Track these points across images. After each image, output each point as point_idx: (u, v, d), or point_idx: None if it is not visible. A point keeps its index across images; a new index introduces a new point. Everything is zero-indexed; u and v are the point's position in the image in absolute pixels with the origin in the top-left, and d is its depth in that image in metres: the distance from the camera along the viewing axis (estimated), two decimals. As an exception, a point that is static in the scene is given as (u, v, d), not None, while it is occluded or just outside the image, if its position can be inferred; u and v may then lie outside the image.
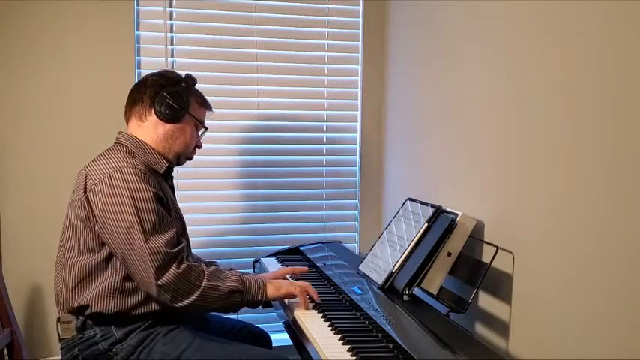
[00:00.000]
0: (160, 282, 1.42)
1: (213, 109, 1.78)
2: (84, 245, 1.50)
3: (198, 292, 1.46)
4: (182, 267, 1.45)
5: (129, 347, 1.48)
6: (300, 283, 1.66)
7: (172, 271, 1.43)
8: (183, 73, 1.70)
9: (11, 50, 2.21)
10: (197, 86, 1.73)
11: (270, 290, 1.58)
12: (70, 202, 1.56)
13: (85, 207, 1.48)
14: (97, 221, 1.47)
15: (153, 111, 1.60)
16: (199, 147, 1.75)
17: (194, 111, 1.67)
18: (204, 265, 1.52)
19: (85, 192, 1.49)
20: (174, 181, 2.35)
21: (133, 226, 1.43)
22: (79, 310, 1.51)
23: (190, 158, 1.73)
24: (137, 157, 1.56)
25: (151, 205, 1.46)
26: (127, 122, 1.66)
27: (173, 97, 1.61)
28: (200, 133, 1.72)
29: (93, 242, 1.49)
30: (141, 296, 1.50)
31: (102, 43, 2.27)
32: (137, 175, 1.48)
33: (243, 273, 1.67)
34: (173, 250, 1.45)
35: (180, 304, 1.46)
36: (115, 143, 1.62)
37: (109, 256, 1.49)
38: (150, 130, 1.62)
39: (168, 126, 1.62)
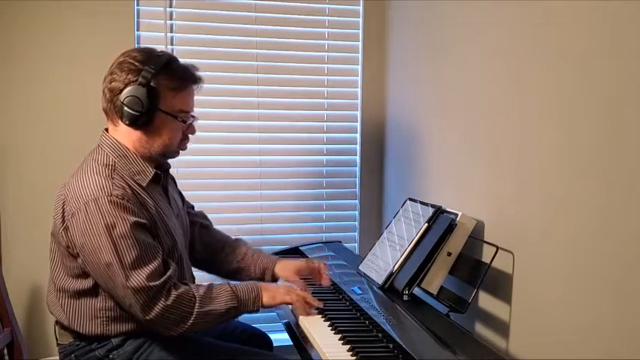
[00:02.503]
0: (148, 317, 1.36)
1: (201, 80, 1.53)
2: (70, 271, 1.44)
3: (190, 320, 1.39)
4: (171, 299, 1.36)
5: (126, 354, 1.45)
6: (298, 292, 1.57)
7: (160, 305, 1.35)
8: (153, 52, 1.48)
9: (10, 50, 2.21)
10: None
11: (265, 299, 1.51)
12: (53, 220, 1.47)
13: (64, 238, 1.40)
14: (77, 254, 1.39)
15: (120, 118, 1.44)
16: (192, 133, 1.55)
17: (167, 105, 1.44)
18: (193, 289, 1.43)
19: (64, 221, 1.40)
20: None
21: (112, 264, 1.33)
22: (72, 331, 1.48)
23: (184, 148, 1.56)
24: (118, 170, 1.43)
25: (130, 240, 1.34)
26: (106, 119, 1.50)
27: (131, 104, 1.40)
28: (187, 122, 1.52)
29: (78, 270, 1.43)
30: (137, 324, 1.45)
31: (102, 44, 2.26)
32: (114, 204, 1.34)
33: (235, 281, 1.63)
34: (158, 283, 1.35)
35: (174, 333, 1.40)
36: (98, 146, 1.49)
37: (97, 284, 1.42)
38: (125, 135, 1.47)
39: (140, 132, 1.45)
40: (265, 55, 2.47)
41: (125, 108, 1.40)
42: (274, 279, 1.76)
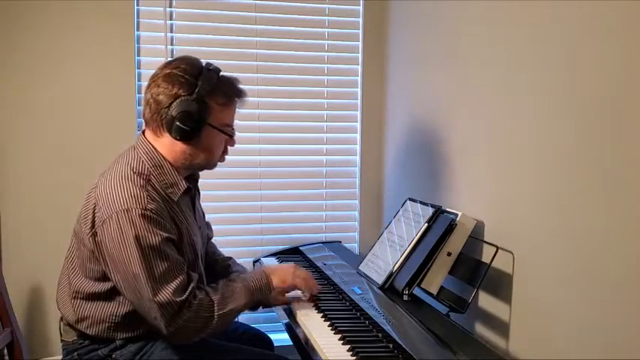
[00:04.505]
0: (172, 329, 1.36)
1: (246, 94, 1.54)
2: (89, 273, 1.44)
3: (213, 324, 1.41)
4: (192, 309, 1.38)
5: (128, 354, 1.46)
6: (304, 273, 1.63)
7: (184, 317, 1.37)
8: (202, 64, 1.46)
9: (11, 50, 2.21)
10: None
11: (276, 282, 1.55)
12: (77, 218, 1.46)
13: (91, 242, 1.40)
14: (104, 260, 1.39)
15: (166, 131, 1.44)
16: (233, 145, 1.58)
17: (215, 119, 1.45)
18: (210, 293, 1.43)
19: (93, 226, 1.39)
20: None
21: (139, 277, 1.33)
22: (77, 330, 1.49)
23: (222, 161, 1.58)
24: (152, 182, 1.41)
25: (159, 254, 1.35)
26: (145, 125, 1.49)
27: (183, 119, 1.40)
28: (229, 136, 1.54)
29: (98, 273, 1.43)
30: (144, 329, 1.46)
31: (102, 43, 2.27)
32: (146, 218, 1.34)
33: (242, 272, 1.67)
34: (183, 298, 1.36)
35: (196, 339, 1.42)
36: (134, 149, 1.47)
37: (114, 289, 1.42)
38: (167, 146, 1.46)
39: (185, 145, 1.45)
40: (265, 55, 2.47)
41: (177, 123, 1.40)
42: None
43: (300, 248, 2.35)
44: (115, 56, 2.29)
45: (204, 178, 2.44)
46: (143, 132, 1.51)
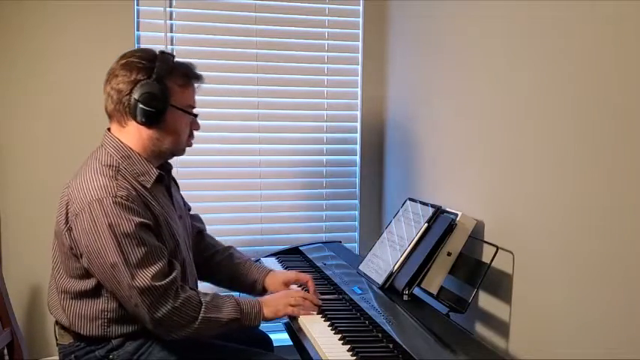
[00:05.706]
0: (155, 316, 1.36)
1: (203, 78, 1.56)
2: (72, 272, 1.44)
3: (195, 325, 1.41)
4: (179, 301, 1.38)
5: (126, 354, 1.46)
6: (297, 296, 1.60)
7: (168, 305, 1.37)
8: (155, 52, 1.49)
9: (10, 50, 2.21)
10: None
11: (267, 313, 1.53)
12: (56, 220, 1.46)
13: (67, 238, 1.40)
14: (81, 254, 1.39)
15: (130, 118, 1.44)
16: (197, 129, 1.57)
17: (177, 100, 1.47)
18: (200, 295, 1.45)
19: (67, 222, 1.39)
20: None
21: (117, 265, 1.34)
22: (72, 332, 1.49)
23: (190, 145, 1.57)
24: (122, 172, 1.42)
25: (135, 240, 1.35)
26: (109, 120, 1.50)
27: (146, 101, 1.40)
28: (192, 119, 1.54)
29: (81, 270, 1.42)
30: (139, 325, 1.45)
31: (102, 43, 2.26)
32: (118, 205, 1.34)
33: (247, 258, 1.71)
34: (163, 283, 1.36)
35: (176, 337, 1.41)
36: (101, 146, 1.48)
37: (100, 284, 1.42)
38: (133, 135, 1.46)
39: (151, 130, 1.46)
40: (265, 55, 2.47)
41: (140, 106, 1.41)
42: (264, 291, 1.76)
43: (300, 248, 2.34)
44: (115, 56, 2.27)
45: (204, 179, 2.46)
46: (108, 129, 1.51)
